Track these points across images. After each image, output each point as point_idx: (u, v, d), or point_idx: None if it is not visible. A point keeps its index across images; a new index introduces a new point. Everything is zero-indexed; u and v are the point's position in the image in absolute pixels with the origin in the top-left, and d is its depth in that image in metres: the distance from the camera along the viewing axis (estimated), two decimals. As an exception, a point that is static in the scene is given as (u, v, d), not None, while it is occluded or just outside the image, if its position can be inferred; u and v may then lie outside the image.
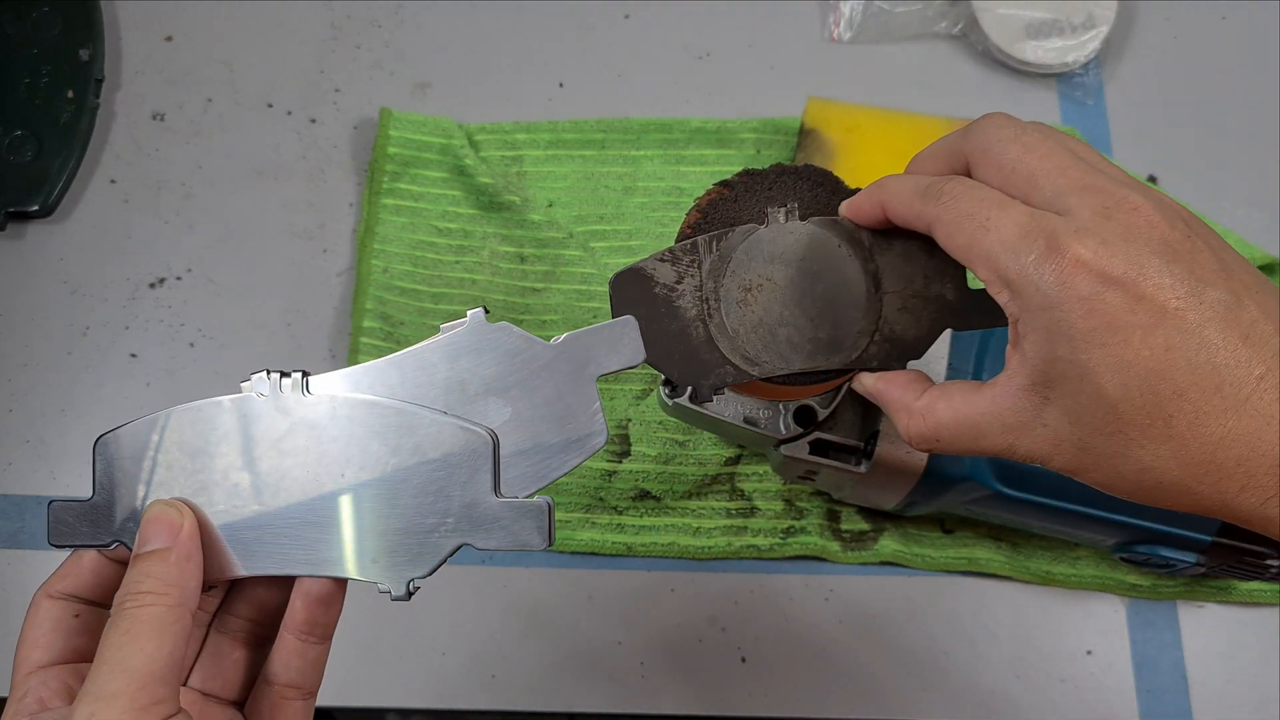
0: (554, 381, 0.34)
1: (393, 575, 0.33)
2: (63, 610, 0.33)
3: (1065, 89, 0.63)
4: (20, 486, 0.56)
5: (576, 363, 0.35)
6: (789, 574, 0.54)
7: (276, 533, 0.34)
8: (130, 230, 0.60)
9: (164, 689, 0.29)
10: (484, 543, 0.33)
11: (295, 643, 0.34)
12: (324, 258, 0.60)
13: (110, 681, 0.29)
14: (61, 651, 0.32)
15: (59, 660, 0.32)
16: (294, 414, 0.34)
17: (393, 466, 0.34)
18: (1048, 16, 0.62)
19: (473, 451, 0.33)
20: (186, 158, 0.62)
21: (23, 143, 0.60)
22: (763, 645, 0.53)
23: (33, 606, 0.33)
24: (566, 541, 0.54)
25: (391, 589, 0.33)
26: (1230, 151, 0.62)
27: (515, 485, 0.34)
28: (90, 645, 0.33)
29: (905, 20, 0.64)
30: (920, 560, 0.54)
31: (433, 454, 0.34)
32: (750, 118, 0.61)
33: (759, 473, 0.55)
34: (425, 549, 0.33)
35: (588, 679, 0.53)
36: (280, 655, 0.34)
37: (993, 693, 0.53)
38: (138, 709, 0.28)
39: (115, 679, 0.29)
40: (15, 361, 0.58)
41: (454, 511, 0.33)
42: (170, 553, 0.32)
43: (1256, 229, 0.60)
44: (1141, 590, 0.53)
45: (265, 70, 0.63)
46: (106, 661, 0.29)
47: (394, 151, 0.60)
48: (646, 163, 0.61)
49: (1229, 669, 0.53)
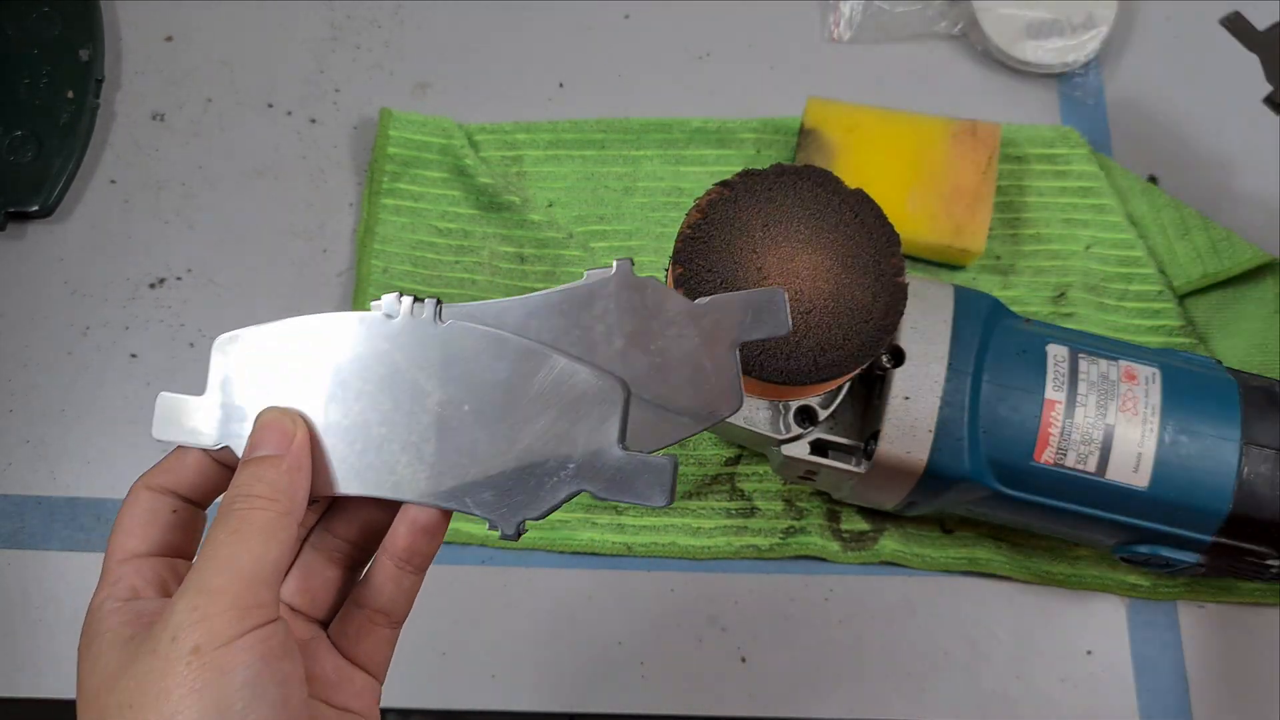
0: (693, 343, 0.33)
1: (504, 514, 0.32)
2: (161, 503, 0.33)
3: (1065, 89, 0.63)
4: (20, 486, 0.56)
5: (719, 327, 0.33)
6: (789, 574, 0.54)
7: (389, 456, 0.33)
8: (130, 230, 0.60)
9: (267, 593, 0.29)
10: (603, 492, 0.32)
11: (392, 569, 0.33)
12: (324, 258, 0.60)
13: (216, 577, 0.29)
14: (156, 544, 0.32)
15: (153, 552, 0.32)
16: (421, 339, 0.33)
17: (518, 405, 0.33)
18: (1048, 16, 0.62)
19: (603, 400, 0.32)
20: (186, 158, 0.62)
21: (23, 143, 0.60)
22: (763, 645, 0.53)
23: (131, 495, 0.32)
24: (566, 541, 0.54)
25: (502, 527, 0.32)
26: (1230, 151, 0.62)
27: (638, 440, 0.33)
28: (185, 543, 0.33)
29: (905, 20, 0.64)
30: (920, 560, 0.54)
31: (561, 398, 0.32)
32: (750, 118, 0.61)
33: (759, 473, 0.55)
34: (541, 491, 0.32)
35: (588, 679, 0.53)
36: (375, 580, 0.33)
37: (993, 693, 0.53)
38: (241, 608, 0.28)
39: (221, 575, 0.29)
40: (15, 361, 0.58)
41: (576, 458, 0.32)
42: (282, 460, 0.31)
43: (1256, 229, 0.60)
44: (1141, 590, 0.53)
45: (265, 70, 0.63)
46: (213, 558, 0.29)
47: (394, 151, 0.60)
48: (646, 163, 0.61)
49: (1229, 669, 0.53)
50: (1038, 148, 0.60)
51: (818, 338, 0.41)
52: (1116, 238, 0.58)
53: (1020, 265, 0.58)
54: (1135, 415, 0.45)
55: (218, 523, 0.30)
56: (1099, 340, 0.48)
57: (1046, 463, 0.45)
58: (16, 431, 0.57)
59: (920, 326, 0.46)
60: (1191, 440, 0.45)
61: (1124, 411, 0.45)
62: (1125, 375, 0.46)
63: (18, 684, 0.52)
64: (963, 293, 0.47)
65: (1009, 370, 0.45)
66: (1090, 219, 0.59)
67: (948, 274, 0.59)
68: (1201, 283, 0.57)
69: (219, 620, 0.28)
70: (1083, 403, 0.45)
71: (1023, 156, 0.60)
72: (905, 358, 0.45)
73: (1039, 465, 0.45)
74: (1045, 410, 0.45)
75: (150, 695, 0.27)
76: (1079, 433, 0.45)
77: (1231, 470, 0.45)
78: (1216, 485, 0.45)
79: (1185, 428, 0.45)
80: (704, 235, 0.41)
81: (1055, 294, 0.58)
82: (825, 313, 0.40)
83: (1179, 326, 0.57)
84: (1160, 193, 0.60)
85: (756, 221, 0.41)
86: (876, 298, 0.41)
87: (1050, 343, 0.46)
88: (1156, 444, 0.45)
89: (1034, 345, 0.46)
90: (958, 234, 0.56)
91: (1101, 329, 0.56)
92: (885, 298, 0.41)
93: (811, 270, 0.41)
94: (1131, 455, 0.45)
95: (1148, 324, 0.57)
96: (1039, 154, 0.60)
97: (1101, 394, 0.45)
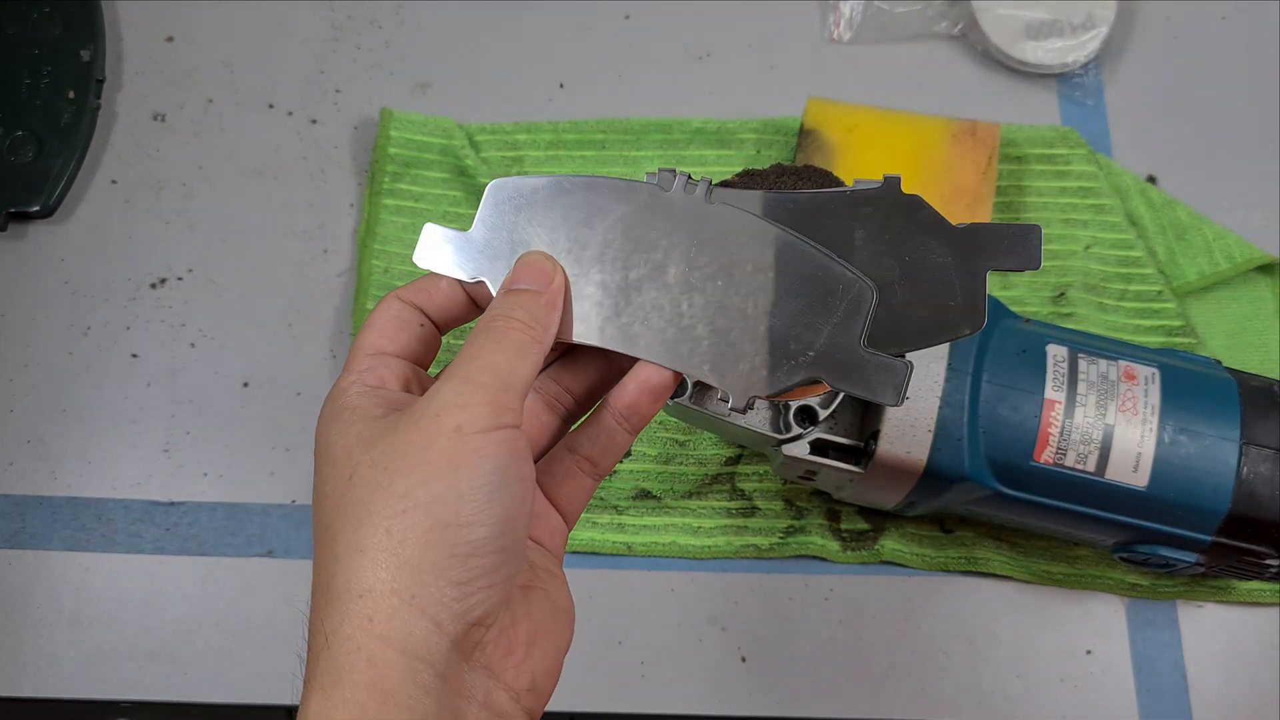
0: (946, 260, 0.34)
1: (738, 385, 0.34)
2: (411, 314, 0.34)
3: (1065, 89, 0.63)
4: (20, 486, 0.56)
5: (974, 251, 0.34)
6: (789, 574, 0.54)
7: (638, 316, 0.34)
8: (131, 230, 0.60)
9: (516, 401, 0.31)
10: (838, 383, 0.33)
11: (610, 422, 0.34)
12: (324, 258, 0.60)
13: (479, 374, 0.30)
14: (403, 348, 0.34)
15: (399, 354, 0.33)
16: (688, 214, 0.34)
17: (769, 289, 0.34)
18: (1047, 17, 0.62)
19: (855, 298, 0.33)
20: (187, 158, 0.62)
21: (24, 143, 0.60)
22: (763, 645, 0.53)
23: (383, 302, 0.34)
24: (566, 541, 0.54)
25: (733, 398, 0.33)
26: (1230, 151, 0.62)
27: (874, 341, 0.34)
28: (426, 355, 0.35)
29: (905, 20, 0.64)
30: (920, 560, 0.54)
31: (813, 290, 0.34)
32: (750, 118, 0.61)
33: (759, 473, 0.55)
34: (778, 370, 0.33)
35: (588, 679, 0.53)
36: (590, 429, 0.35)
37: (993, 692, 0.53)
38: (498, 406, 0.30)
39: (483, 373, 0.30)
40: (16, 361, 0.58)
41: (819, 346, 0.33)
42: (541, 295, 0.33)
43: (1256, 229, 0.60)
44: (1141, 590, 0.53)
45: (266, 71, 0.63)
46: (476, 357, 0.31)
47: (394, 152, 0.60)
48: (646, 163, 0.61)
49: (1228, 669, 0.53)
50: (1037, 148, 0.60)
51: (818, 338, 0.41)
52: (1116, 238, 0.58)
53: (1020, 265, 0.58)
54: (1135, 415, 0.45)
55: (478, 332, 0.32)
56: (1099, 340, 0.48)
57: (1046, 462, 0.45)
58: (17, 431, 0.57)
59: (920, 326, 0.46)
60: (1191, 440, 0.45)
61: (1123, 411, 0.45)
62: (1125, 375, 0.46)
63: (18, 684, 0.52)
64: (962, 293, 0.47)
65: (1009, 370, 0.45)
66: (1090, 219, 0.59)
67: (948, 274, 0.59)
68: (1201, 283, 0.58)
69: (479, 410, 0.29)
70: (1082, 403, 0.45)
71: (1022, 157, 0.60)
72: (905, 357, 0.45)
73: (1039, 465, 0.45)
74: (1045, 410, 0.45)
75: (410, 459, 0.29)
76: (1079, 432, 0.45)
77: (1231, 470, 0.45)
78: (1216, 485, 0.45)
79: (1185, 428, 0.45)
80: (704, 235, 0.41)
81: (1055, 294, 0.58)
82: (825, 313, 0.40)
83: (1179, 326, 0.57)
84: (1160, 193, 0.60)
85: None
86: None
87: (1050, 343, 0.46)
88: (1156, 444, 0.45)
89: (1034, 345, 0.46)
90: (958, 234, 0.56)
91: (1101, 329, 0.56)
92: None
93: (811, 270, 0.41)
94: (1131, 455, 0.45)
95: (1147, 324, 0.57)
96: (1039, 154, 0.60)
97: (1101, 394, 0.45)
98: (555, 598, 0.34)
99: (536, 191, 0.35)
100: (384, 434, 0.30)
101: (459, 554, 0.28)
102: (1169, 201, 0.59)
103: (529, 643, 0.31)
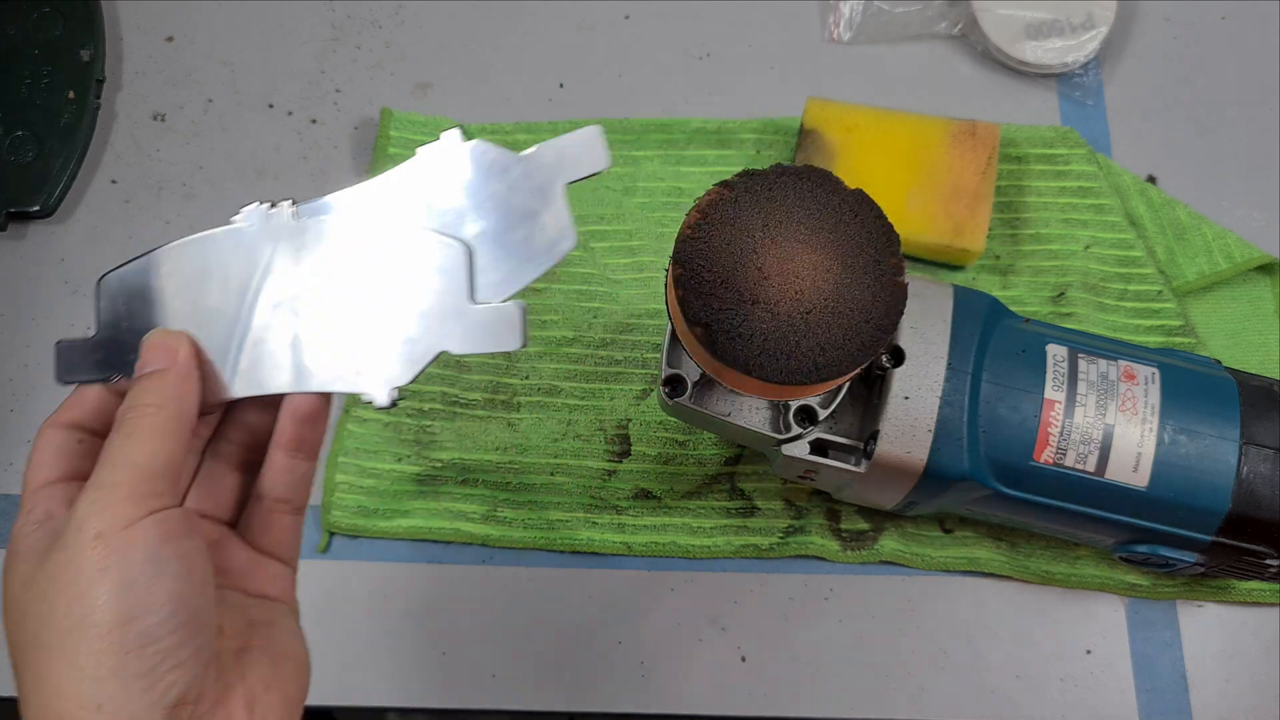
0: (525, 191, 0.36)
1: (377, 385, 0.35)
2: (67, 436, 0.35)
3: (1065, 89, 0.63)
4: (20, 486, 0.56)
5: (547, 172, 0.36)
6: (789, 574, 0.54)
7: (267, 354, 0.35)
8: (131, 231, 0.60)
9: (163, 484, 0.31)
10: (461, 347, 0.34)
11: (284, 459, 0.36)
12: (324, 258, 0.60)
13: (112, 474, 0.31)
14: (65, 471, 0.35)
15: (64, 478, 0.34)
16: (282, 239, 0.36)
17: (375, 281, 0.35)
18: (1047, 17, 0.62)
19: (449, 262, 0.35)
20: (187, 158, 0.62)
21: (24, 143, 0.60)
22: (763, 645, 0.53)
23: (40, 435, 0.35)
24: (567, 541, 0.54)
25: (376, 398, 0.35)
26: (1230, 151, 0.62)
27: (491, 292, 0.35)
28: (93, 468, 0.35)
29: (905, 20, 0.64)
30: (920, 560, 0.54)
31: (412, 267, 0.35)
32: (750, 118, 0.61)
33: (759, 472, 0.55)
34: (409, 358, 0.35)
35: (588, 679, 0.53)
36: (270, 472, 0.36)
37: (993, 692, 0.53)
38: (138, 497, 0.31)
39: (116, 472, 0.31)
40: (16, 361, 0.58)
41: (433, 320, 0.35)
42: (169, 372, 0.34)
43: (1256, 229, 0.60)
44: (1141, 590, 0.53)
45: (266, 70, 0.63)
46: (109, 459, 0.32)
47: (394, 152, 0.60)
48: (646, 163, 0.61)
49: (1228, 669, 0.53)
50: (1037, 148, 0.60)
51: (818, 338, 0.41)
52: (1116, 238, 0.58)
53: (1020, 265, 0.58)
54: (1135, 415, 0.45)
55: (113, 431, 0.33)
56: (1098, 340, 0.48)
57: (1046, 462, 0.45)
58: (17, 431, 0.57)
59: (920, 326, 0.46)
60: (1191, 440, 0.45)
61: (1123, 411, 0.45)
62: (1125, 375, 0.46)
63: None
64: (962, 292, 0.47)
65: (1008, 370, 0.45)
66: (1090, 219, 0.59)
67: (947, 274, 0.59)
68: (1200, 283, 0.58)
69: (119, 508, 0.30)
70: (1082, 402, 0.45)
71: (1022, 156, 0.60)
72: (905, 357, 0.45)
73: (1038, 465, 0.45)
74: (1045, 410, 0.45)
75: (63, 582, 0.30)
76: (1078, 432, 0.45)
77: (1231, 470, 0.45)
78: (1216, 485, 0.45)
79: (1185, 427, 0.45)
80: (704, 235, 0.41)
81: (1055, 294, 0.58)
82: (825, 313, 0.40)
83: (1178, 326, 0.57)
84: (1159, 193, 0.60)
85: (756, 222, 0.41)
86: (876, 298, 0.41)
87: (1050, 342, 0.46)
88: (1156, 444, 0.45)
89: (1033, 345, 0.46)
90: (957, 234, 0.56)
91: (1101, 329, 0.56)
92: (885, 298, 0.41)
93: (811, 270, 0.41)
94: (1131, 455, 0.45)
95: (1147, 324, 0.57)
96: (1038, 154, 0.60)
97: (1101, 394, 0.45)
98: (279, 649, 0.34)
99: (141, 273, 0.36)
100: (39, 567, 0.31)
101: (133, 648, 0.29)
102: (1169, 201, 0.59)
103: (248, 705, 0.32)
